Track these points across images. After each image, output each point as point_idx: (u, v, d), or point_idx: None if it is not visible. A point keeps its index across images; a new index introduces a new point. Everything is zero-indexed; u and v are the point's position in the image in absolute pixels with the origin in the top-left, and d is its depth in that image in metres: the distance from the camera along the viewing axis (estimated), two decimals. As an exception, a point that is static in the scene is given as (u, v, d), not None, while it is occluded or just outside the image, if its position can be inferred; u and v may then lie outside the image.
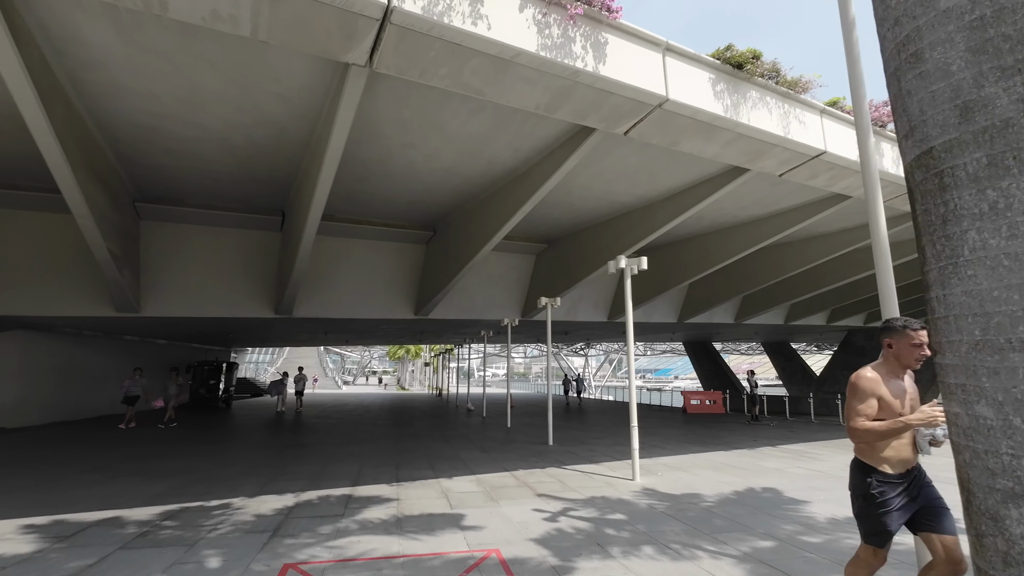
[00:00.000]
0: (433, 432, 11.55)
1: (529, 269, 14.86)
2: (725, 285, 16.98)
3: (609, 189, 10.01)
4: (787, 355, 35.78)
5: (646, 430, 12.94)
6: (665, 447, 9.10)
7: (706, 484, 5.80)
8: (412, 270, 13.31)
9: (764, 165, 7.93)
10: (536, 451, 8.58)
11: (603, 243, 12.14)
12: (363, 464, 7.45)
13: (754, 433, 12.05)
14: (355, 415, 16.41)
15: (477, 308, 14.45)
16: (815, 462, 7.67)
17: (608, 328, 20.77)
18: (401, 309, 13.44)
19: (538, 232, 13.23)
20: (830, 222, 12.88)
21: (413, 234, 12.49)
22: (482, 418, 15.91)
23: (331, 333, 18.85)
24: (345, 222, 11.53)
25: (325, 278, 12.49)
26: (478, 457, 7.73)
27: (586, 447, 9.06)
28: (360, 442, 9.78)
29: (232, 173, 8.79)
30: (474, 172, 8.92)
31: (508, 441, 10.00)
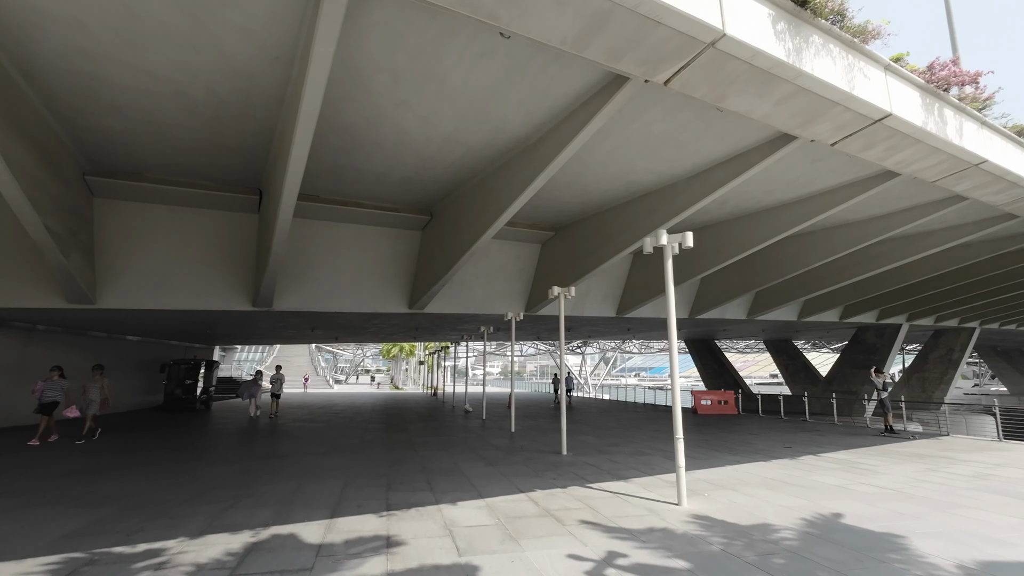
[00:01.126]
0: (429, 438, 10.36)
1: (534, 259, 13.71)
2: (740, 279, 15.93)
3: (628, 166, 8.87)
4: (790, 353, 35.04)
5: (662, 434, 11.85)
6: (695, 456, 7.99)
7: (769, 510, 4.70)
8: (407, 259, 12.11)
9: (817, 131, 6.81)
10: (550, 463, 7.43)
11: (616, 229, 11.00)
12: (347, 482, 6.22)
13: (786, 438, 10.98)
14: (344, 417, 15.18)
15: (477, 302, 13.28)
16: (875, 476, 6.61)
17: (613, 324, 19.68)
18: (394, 302, 12.23)
19: (544, 218, 12.08)
20: (861, 208, 11.83)
21: (408, 219, 11.28)
22: (482, 421, 14.76)
23: (319, 329, 17.60)
24: (331, 203, 10.30)
25: (310, 267, 11.26)
26: (484, 472, 6.57)
27: (606, 457, 7.91)
28: (346, 451, 8.65)
29: (195, 140, 7.55)
30: (477, 142, 7.75)
31: (515, 449, 8.83)
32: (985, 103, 8.09)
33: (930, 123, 7.21)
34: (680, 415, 5.36)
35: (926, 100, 7.24)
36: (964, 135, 7.79)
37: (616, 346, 63.21)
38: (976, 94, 7.73)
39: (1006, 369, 51.87)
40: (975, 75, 7.33)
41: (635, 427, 13.26)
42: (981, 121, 8.15)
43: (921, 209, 11.50)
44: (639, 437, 10.64)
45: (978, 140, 8.07)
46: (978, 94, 7.73)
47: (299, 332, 18.62)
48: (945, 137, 7.45)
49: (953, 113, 7.70)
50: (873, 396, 14.31)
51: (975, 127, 8.07)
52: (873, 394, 14.38)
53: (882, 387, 13.04)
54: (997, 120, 8.62)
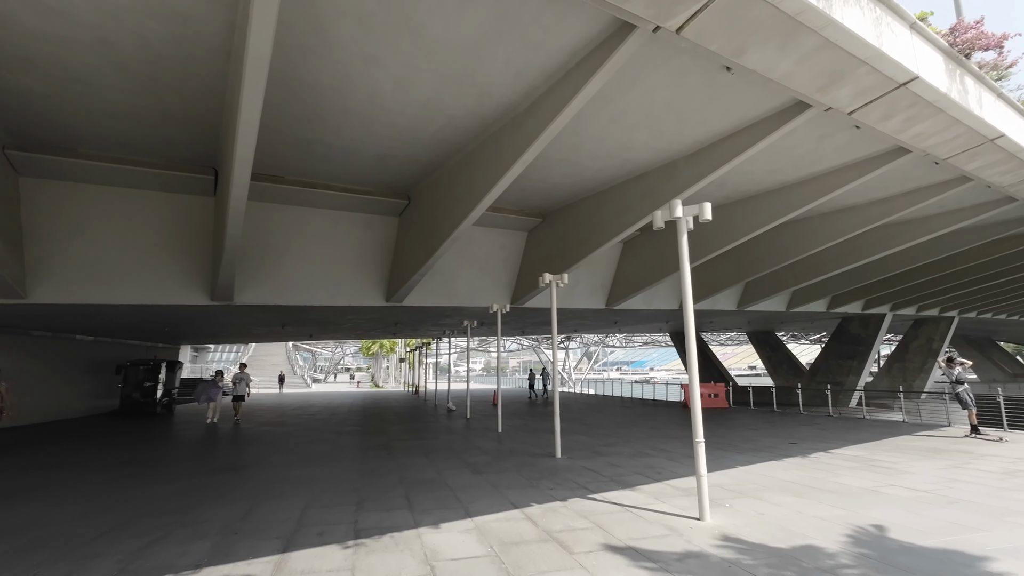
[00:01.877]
0: (409, 442, 9.47)
1: (520, 248, 12.91)
2: (733, 268, 15.43)
3: (626, 141, 8.13)
4: (772, 345, 35.07)
5: (659, 431, 11.22)
6: None
7: (806, 524, 4.02)
8: (383, 248, 11.18)
9: (838, 95, 6.16)
10: (544, 469, 6.76)
11: (610, 214, 10.28)
12: (311, 501, 5.28)
13: (787, 432, 10.44)
14: (318, 420, 14.19)
15: (460, 294, 12.44)
16: (900, 475, 6.04)
17: (601, 317, 19.05)
18: (370, 295, 11.30)
19: (532, 203, 11.29)
20: (862, 192, 11.35)
21: (383, 203, 10.36)
22: (466, 420, 13.94)
23: (290, 326, 16.52)
24: (298, 186, 9.32)
25: (276, 257, 10.26)
26: (471, 482, 5.79)
27: (604, 460, 7.17)
28: (315, 461, 7.73)
29: (133, 105, 6.52)
30: (460, 109, 6.90)
31: (504, 453, 8.04)
32: (1004, 72, 7.57)
33: (953, 91, 6.63)
34: (700, 415, 4.65)
35: (949, 66, 6.66)
36: (984, 107, 7.26)
37: (599, 340, 63.01)
38: (997, 61, 7.20)
39: (977, 358, 53.18)
40: (1000, 38, 6.78)
41: (628, 424, 12.64)
42: (998, 93, 7.64)
43: (923, 192, 11.07)
44: (635, 436, 9.99)
45: (996, 113, 7.56)
46: (999, 61, 7.20)
47: (269, 329, 17.49)
48: (967, 107, 6.88)
49: (973, 82, 7.14)
50: (948, 390, 11.60)
51: (992, 99, 7.54)
52: (948, 387, 11.65)
53: (956, 378, 10.57)
54: (1012, 93, 8.14)
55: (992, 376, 51.79)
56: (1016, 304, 29.18)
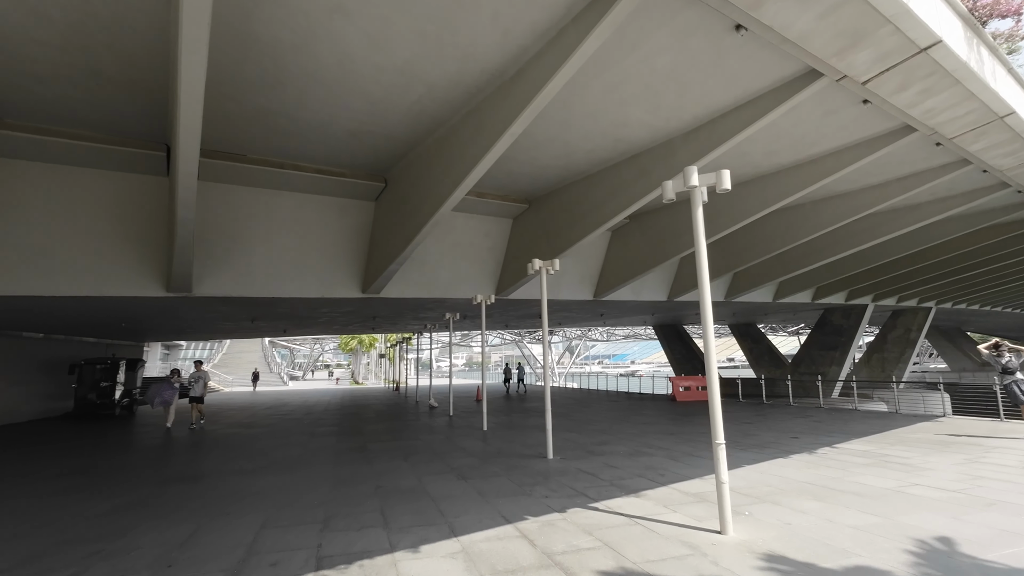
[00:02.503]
0: (388, 443, 8.73)
1: (505, 236, 12.26)
2: (721, 258, 15.05)
3: (621, 116, 7.53)
4: (754, 337, 35.18)
5: (653, 427, 10.75)
6: (701, 455, 6.78)
7: (843, 536, 3.47)
8: (358, 234, 10.40)
9: (855, 60, 5.66)
10: (536, 472, 6.17)
11: (601, 198, 9.70)
12: (269, 518, 4.57)
13: (784, 426, 10.05)
14: (291, 420, 13.35)
15: (442, 284, 11.74)
16: (920, 473, 5.60)
17: (588, 308, 18.56)
18: (344, 285, 10.52)
19: (517, 188, 10.64)
20: (857, 177, 11.03)
21: (358, 186, 9.58)
22: (449, 417, 13.28)
23: (261, 320, 15.58)
24: (262, 165, 8.49)
25: (240, 245, 9.40)
26: (456, 490, 5.22)
27: (601, 461, 6.58)
28: (282, 468, 6.94)
29: (62, 64, 5.65)
30: (441, 77, 6.20)
31: (491, 454, 7.48)
32: (1016, 46, 7.20)
33: (972, 60, 6.19)
34: (719, 412, 4.08)
35: (967, 33, 6.21)
36: (997, 80, 6.87)
37: (582, 334, 62.90)
38: (1013, 30, 6.80)
39: (947, 348, 54.67)
40: (1020, 5, 6.36)
41: (619, 419, 12.17)
42: (1009, 67, 7.27)
43: (918, 177, 10.79)
44: (629, 432, 9.50)
45: (1007, 88, 7.18)
46: (1015, 30, 6.80)
47: (238, 325, 16.50)
48: (983, 79, 6.46)
49: (988, 54, 6.72)
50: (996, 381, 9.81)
51: (1004, 72, 7.16)
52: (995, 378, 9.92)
53: (1006, 367, 8.92)
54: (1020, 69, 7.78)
55: (962, 365, 53.29)
56: (990, 294, 29.75)
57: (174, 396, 12.60)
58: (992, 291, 28.32)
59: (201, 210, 8.85)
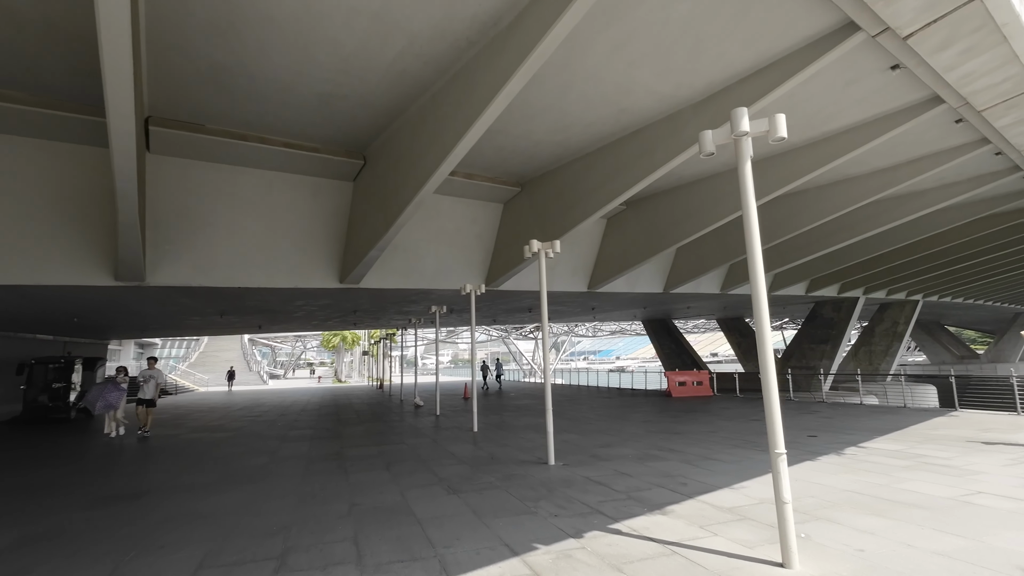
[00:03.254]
0: (368, 448, 7.81)
1: (495, 222, 11.43)
2: (718, 248, 14.45)
3: (626, 81, 6.76)
4: (742, 331, 35.01)
5: (656, 425, 10.06)
6: (720, 458, 5.99)
7: (935, 568, 2.80)
8: (334, 218, 9.48)
9: (900, 9, 4.98)
10: (539, 483, 5.33)
11: (600, 178, 8.93)
12: (212, 552, 3.66)
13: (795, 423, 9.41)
14: (262, 422, 12.36)
15: (427, 274, 10.87)
16: (975, 479, 4.91)
17: (580, 302, 17.82)
18: (319, 275, 9.60)
19: (509, 168, 9.81)
20: (867, 159, 10.46)
21: (333, 163, 8.66)
22: (436, 417, 12.44)
23: (231, 315, 14.50)
24: (223, 136, 7.52)
25: (199, 227, 8.41)
26: (447, 508, 4.45)
27: (609, 467, 5.75)
28: (241, 481, 5.93)
29: (-41, -3, 4.65)
30: (425, 25, 5.34)
31: (484, 460, 6.73)
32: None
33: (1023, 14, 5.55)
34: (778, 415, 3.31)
35: (1015, -16, 5.57)
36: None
37: (569, 329, 62.40)
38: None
39: (927, 341, 55.45)
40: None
41: (617, 418, 11.48)
42: (1046, 30, 6.68)
43: (930, 160, 10.26)
44: (630, 432, 8.79)
45: (1046, 53, 6.59)
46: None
47: (206, 320, 15.38)
48: None
49: (1031, 12, 6.10)
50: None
51: (1045, 35, 6.57)
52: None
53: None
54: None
55: (941, 358, 54.13)
56: (976, 287, 29.91)
57: (121, 399, 10.52)
58: (979, 284, 28.43)
59: (155, 188, 7.85)
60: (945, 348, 55.76)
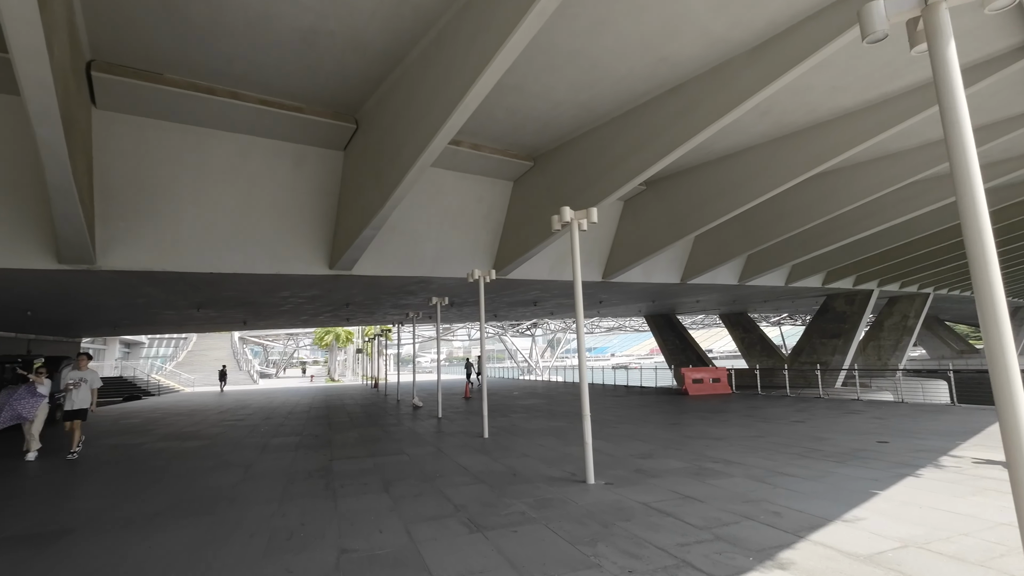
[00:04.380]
0: (362, 461, 6.50)
1: (503, 202, 10.25)
2: (741, 234, 13.37)
3: (675, 16, 5.60)
4: (746, 326, 34.15)
5: (688, 429, 8.93)
6: (792, 472, 4.85)
7: None
8: (322, 193, 8.26)
9: None
10: (585, 511, 4.09)
11: (625, 148, 7.79)
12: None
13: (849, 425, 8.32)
14: (245, 427, 11.12)
15: (427, 260, 9.68)
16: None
17: (589, 294, 16.69)
18: (305, 259, 8.38)
19: (522, 138, 8.63)
20: (917, 130, 9.37)
21: (320, 127, 7.44)
22: (437, 420, 11.28)
23: (208, 308, 13.21)
24: (186, 88, 6.28)
25: (161, 202, 7.17)
26: (474, 559, 3.19)
27: (664, 487, 4.70)
28: (198, 510, 4.62)
29: None
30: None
31: (504, 477, 5.43)
32: None
33: None
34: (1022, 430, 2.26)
35: None
36: None
37: (566, 326, 61.33)
38: None
39: (926, 335, 54.94)
40: None
41: (639, 419, 10.37)
42: None
43: (988, 131, 9.23)
44: (664, 437, 7.64)
45: None
46: None
47: (182, 314, 14.07)
48: None
49: None
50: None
51: None
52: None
53: None
54: None
55: (940, 352, 53.70)
56: (988, 279, 29.13)
57: (36, 408, 7.75)
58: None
59: (104, 153, 6.60)
60: (944, 343, 55.41)
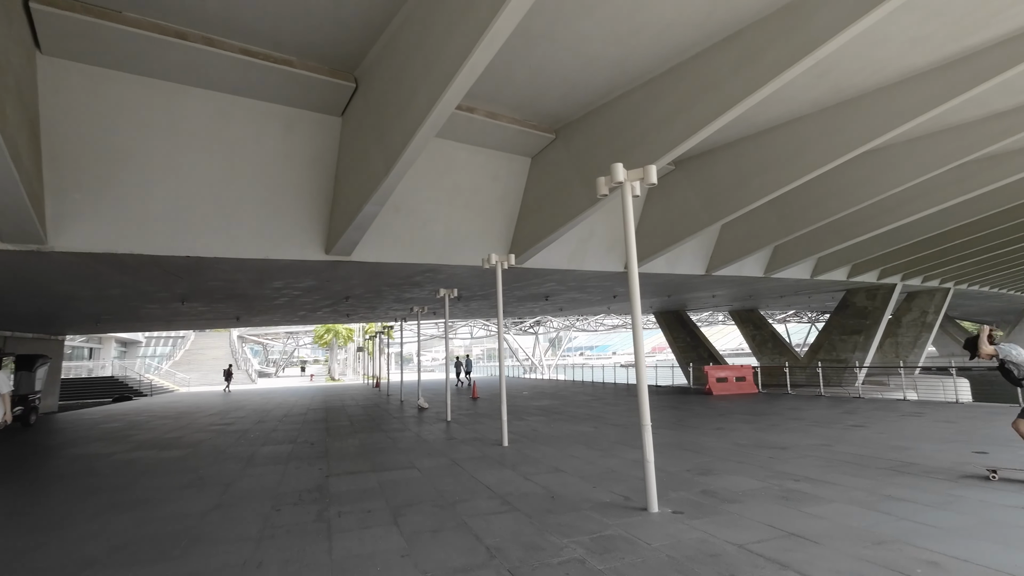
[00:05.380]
0: (365, 478, 5.40)
1: (520, 181, 9.18)
2: (776, 219, 12.32)
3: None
4: (756, 323, 33.18)
5: (735, 434, 7.87)
6: (904, 495, 3.76)
7: None
8: (317, 164, 7.18)
9: None
10: (664, 560, 3.00)
11: (668, 110, 6.73)
12: None
13: (918, 431, 7.24)
14: (233, 432, 10.02)
15: (436, 245, 8.62)
16: None
17: (605, 288, 15.64)
18: (298, 243, 7.32)
19: (544, 106, 7.55)
20: (988, 98, 8.32)
21: (314, 85, 6.37)
22: (446, 424, 10.23)
23: (192, 301, 12.14)
24: (151, 30, 5.20)
25: (126, 172, 6.10)
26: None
27: (753, 517, 3.65)
28: (153, 552, 3.49)
29: None
30: None
31: (542, 503, 4.32)
32: None
33: None
34: None
35: None
36: None
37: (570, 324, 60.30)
38: None
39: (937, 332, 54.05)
40: None
41: (677, 424, 9.28)
42: None
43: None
44: (717, 447, 6.48)
45: None
46: None
47: (166, 308, 12.97)
48: None
49: None
50: None
51: None
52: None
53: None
54: None
55: (950, 350, 52.75)
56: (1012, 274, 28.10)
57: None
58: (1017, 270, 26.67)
59: (53, 108, 5.53)
60: (954, 339, 54.50)
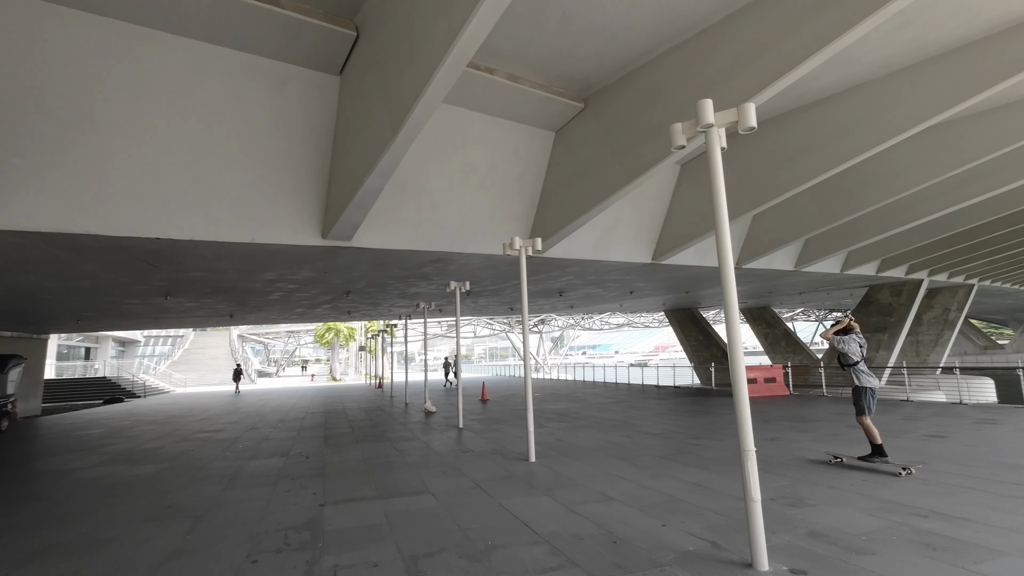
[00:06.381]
0: (369, 508, 4.27)
1: (543, 158, 8.16)
2: (815, 206, 11.33)
3: None
4: (769, 321, 32.26)
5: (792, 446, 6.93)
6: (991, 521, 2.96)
7: None
8: (311, 130, 6.18)
9: None
10: None
11: (719, 70, 5.71)
12: None
13: (1017, 441, 6.21)
14: (220, 442, 8.97)
15: (448, 231, 7.62)
16: None
17: (624, 282, 14.60)
18: (290, 224, 6.33)
19: (574, 67, 6.54)
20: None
21: (307, 32, 5.38)
22: (458, 431, 9.23)
23: (176, 296, 11.16)
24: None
25: (82, 136, 5.11)
26: None
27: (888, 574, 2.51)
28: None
29: None
30: None
31: (601, 555, 3.15)
32: None
33: None
34: None
35: None
36: None
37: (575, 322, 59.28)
38: None
39: (950, 331, 52.98)
40: None
41: (715, 430, 8.29)
42: None
43: None
44: (783, 463, 5.45)
45: None
46: None
47: (148, 303, 11.96)
48: None
49: None
50: None
51: None
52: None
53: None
54: None
55: (963, 348, 51.72)
56: (1040, 270, 27.02)
57: None
58: (1045, 266, 25.62)
59: (-11, 58, 4.53)
60: (967, 338, 53.47)
